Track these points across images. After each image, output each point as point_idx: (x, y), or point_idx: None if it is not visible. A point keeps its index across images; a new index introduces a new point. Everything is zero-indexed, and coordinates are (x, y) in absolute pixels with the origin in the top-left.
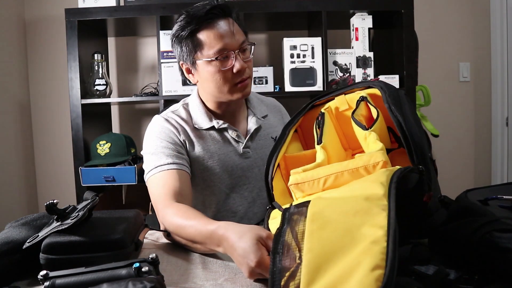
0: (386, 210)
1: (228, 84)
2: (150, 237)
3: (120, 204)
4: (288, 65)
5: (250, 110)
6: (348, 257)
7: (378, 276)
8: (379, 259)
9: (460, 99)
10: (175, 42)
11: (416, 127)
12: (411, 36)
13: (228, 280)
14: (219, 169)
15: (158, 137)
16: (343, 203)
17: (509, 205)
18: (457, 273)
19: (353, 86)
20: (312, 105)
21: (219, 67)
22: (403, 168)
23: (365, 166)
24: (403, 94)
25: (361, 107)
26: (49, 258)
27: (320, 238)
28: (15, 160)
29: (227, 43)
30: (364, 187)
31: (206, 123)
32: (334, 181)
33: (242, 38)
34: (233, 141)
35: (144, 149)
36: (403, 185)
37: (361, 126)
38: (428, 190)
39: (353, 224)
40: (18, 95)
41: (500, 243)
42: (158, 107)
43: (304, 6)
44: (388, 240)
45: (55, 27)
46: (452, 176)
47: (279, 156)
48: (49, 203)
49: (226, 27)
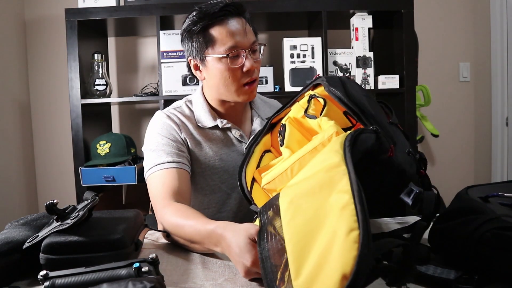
0: (347, 174)
1: (236, 83)
2: (150, 237)
3: (120, 204)
4: (288, 65)
5: (254, 111)
6: (324, 231)
7: (355, 237)
8: (352, 221)
9: (460, 99)
10: (186, 37)
11: (364, 99)
12: (411, 36)
13: (228, 280)
14: (221, 168)
15: (159, 133)
16: (307, 182)
17: (509, 202)
18: (457, 273)
19: (301, 91)
20: (270, 123)
21: (229, 64)
22: (354, 131)
23: (322, 143)
24: (348, 79)
25: (312, 104)
26: (49, 258)
27: (295, 226)
28: (15, 160)
29: (239, 41)
30: (321, 160)
31: (209, 121)
32: (299, 166)
33: (253, 38)
34: (236, 141)
35: (145, 145)
36: (360, 146)
37: (312, 117)
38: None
39: (321, 199)
40: (18, 95)
41: (500, 242)
42: (158, 107)
43: (304, 6)
44: (355, 201)
45: (55, 27)
46: (452, 176)
47: (248, 171)
48: (49, 203)
49: (239, 26)
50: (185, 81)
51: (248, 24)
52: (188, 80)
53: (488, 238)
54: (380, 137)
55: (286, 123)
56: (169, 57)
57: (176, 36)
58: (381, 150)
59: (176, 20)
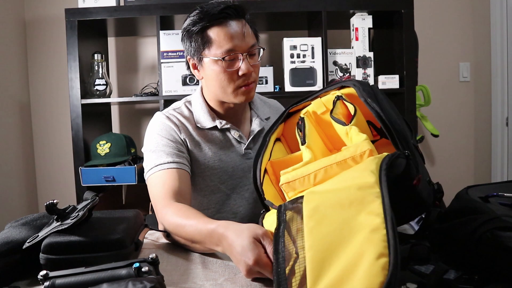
0: (380, 197)
1: (232, 85)
2: (150, 237)
3: (120, 204)
4: (288, 65)
5: (253, 112)
6: (349, 248)
7: (384, 264)
8: (382, 247)
9: (460, 99)
10: (185, 36)
11: (395, 116)
12: (411, 36)
13: (228, 280)
14: (220, 169)
15: (158, 134)
16: (336, 195)
17: (509, 202)
18: (457, 273)
19: (327, 88)
20: (288, 112)
21: (225, 67)
22: (391, 155)
23: (352, 157)
24: (377, 88)
25: (338, 106)
26: (49, 258)
27: (319, 234)
28: (15, 160)
29: (236, 44)
30: (355, 177)
31: (208, 122)
32: (324, 175)
33: (253, 41)
34: (235, 142)
35: (145, 146)
36: (392, 171)
37: (340, 122)
38: (417, 173)
39: (350, 214)
40: (18, 95)
41: (500, 242)
42: (158, 107)
43: (304, 6)
44: (387, 226)
45: (55, 27)
46: (452, 176)
47: (263, 161)
48: (49, 203)
49: (237, 28)
50: (185, 81)
51: (249, 27)
52: (188, 80)
53: (488, 238)
54: (410, 164)
55: (304, 117)
56: (169, 57)
57: (176, 36)
58: (407, 176)
59: (176, 20)
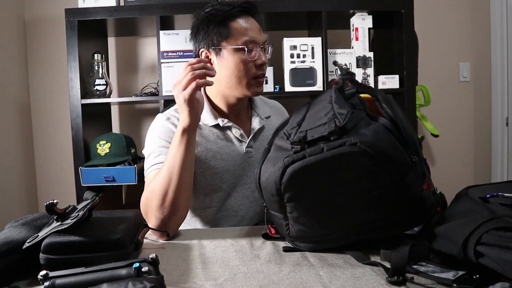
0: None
1: (247, 76)
2: (150, 237)
3: (120, 204)
4: (288, 65)
5: (254, 111)
6: None
7: None
8: None
9: (460, 99)
10: (201, 29)
11: (407, 124)
12: (411, 36)
13: (228, 280)
14: (221, 168)
15: (158, 136)
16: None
17: (509, 202)
18: (457, 273)
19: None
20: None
21: (245, 56)
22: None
23: None
24: (392, 97)
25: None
26: (49, 258)
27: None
28: (15, 160)
29: (255, 36)
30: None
31: (211, 120)
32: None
33: (265, 38)
34: (236, 140)
35: (145, 148)
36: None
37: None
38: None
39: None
40: (18, 95)
41: (500, 242)
42: (158, 107)
43: (304, 6)
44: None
45: (55, 27)
46: (452, 176)
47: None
48: (49, 203)
49: (255, 23)
50: None
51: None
52: None
53: (488, 238)
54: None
55: None
56: (169, 57)
57: (176, 36)
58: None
59: (176, 20)
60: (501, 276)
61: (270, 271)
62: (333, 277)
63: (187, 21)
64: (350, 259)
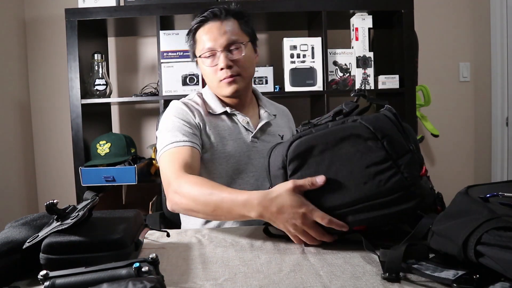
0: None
1: (215, 80)
2: (150, 237)
3: (120, 204)
4: (288, 65)
5: (261, 107)
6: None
7: None
8: None
9: (460, 99)
10: (188, 40)
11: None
12: (411, 36)
13: (228, 280)
14: (228, 153)
15: (175, 116)
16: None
17: (509, 202)
18: (457, 273)
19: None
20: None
21: (206, 63)
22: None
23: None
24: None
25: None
26: (49, 258)
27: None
28: (15, 160)
29: (213, 42)
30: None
31: (219, 108)
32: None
33: (233, 38)
34: (243, 129)
35: (160, 127)
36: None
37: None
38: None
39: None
40: (18, 95)
41: (500, 242)
42: (158, 107)
43: (304, 6)
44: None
45: (55, 27)
46: (452, 176)
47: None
48: (49, 203)
49: (214, 28)
50: (185, 81)
51: (235, 25)
52: (188, 80)
53: (488, 238)
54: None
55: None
56: (169, 57)
57: (176, 36)
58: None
59: (176, 20)
60: (501, 276)
61: (270, 271)
62: (333, 277)
63: (187, 21)
64: (350, 259)
